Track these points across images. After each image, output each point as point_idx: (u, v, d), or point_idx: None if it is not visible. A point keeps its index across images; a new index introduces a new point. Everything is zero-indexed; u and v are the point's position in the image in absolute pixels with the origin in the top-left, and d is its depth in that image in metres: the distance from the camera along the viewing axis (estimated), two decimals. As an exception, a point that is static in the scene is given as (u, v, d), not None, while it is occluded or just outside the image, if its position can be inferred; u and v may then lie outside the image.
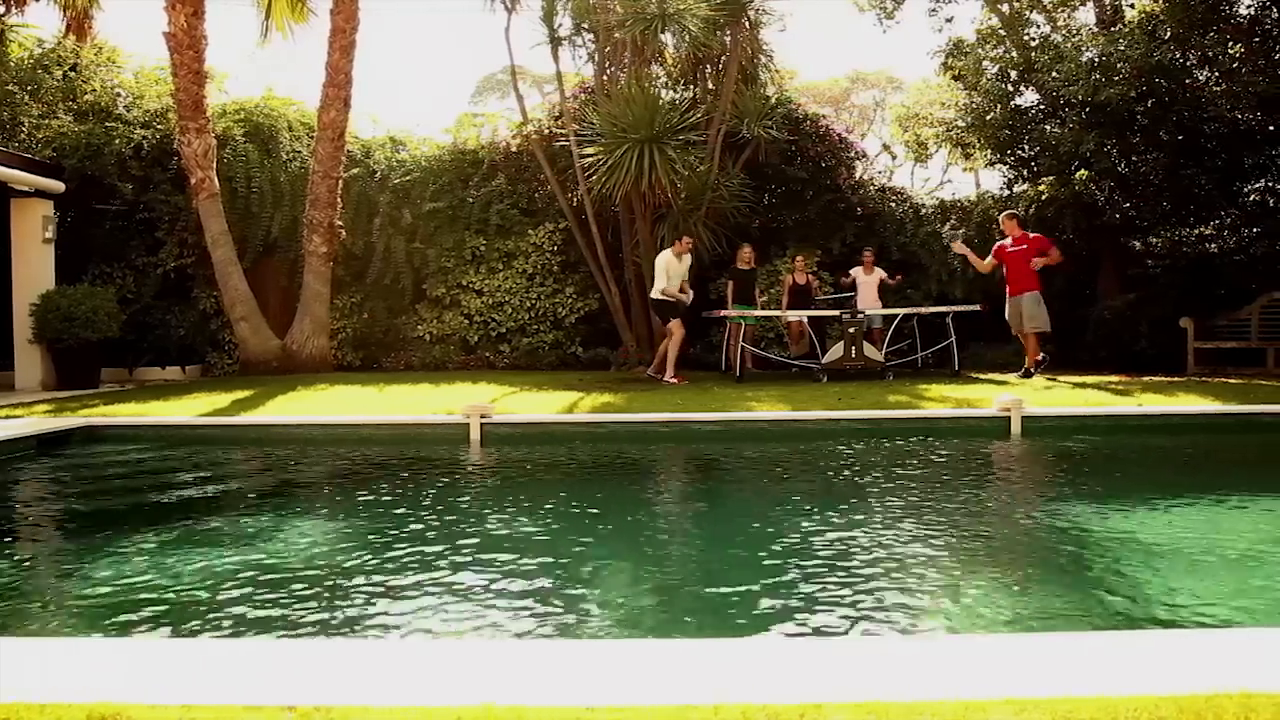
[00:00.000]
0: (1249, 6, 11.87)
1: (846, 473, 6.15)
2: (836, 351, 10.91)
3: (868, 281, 12.10)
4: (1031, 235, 10.87)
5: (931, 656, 2.29)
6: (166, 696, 1.98)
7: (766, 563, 3.82)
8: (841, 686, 2.01)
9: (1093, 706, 1.93)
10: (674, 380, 10.30)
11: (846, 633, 2.97)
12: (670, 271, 10.61)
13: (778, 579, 3.58)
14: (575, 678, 2.12)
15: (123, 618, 3.16)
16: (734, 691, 1.97)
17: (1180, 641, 2.53)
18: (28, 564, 4.00)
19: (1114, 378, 10.55)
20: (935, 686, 2.01)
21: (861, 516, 4.68)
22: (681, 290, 10.80)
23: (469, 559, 3.88)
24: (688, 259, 10.91)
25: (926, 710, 1.92)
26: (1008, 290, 10.88)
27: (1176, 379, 10.48)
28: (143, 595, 3.40)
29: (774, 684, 2.02)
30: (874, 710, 1.92)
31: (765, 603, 3.28)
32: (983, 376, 10.99)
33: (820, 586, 3.44)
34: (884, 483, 5.69)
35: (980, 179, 26.35)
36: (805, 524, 4.53)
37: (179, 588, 3.50)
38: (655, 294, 10.73)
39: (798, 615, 3.15)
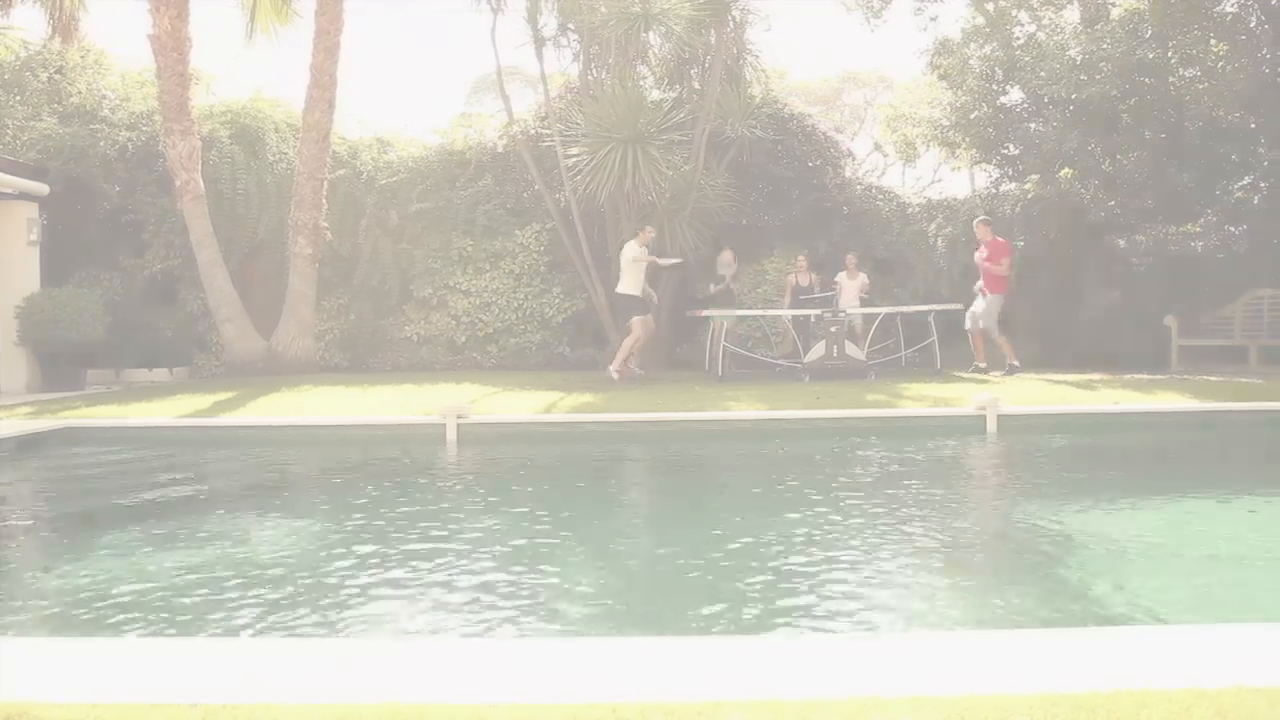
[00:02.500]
0: (1232, 5, 11.87)
1: (811, 472, 6.16)
2: (818, 351, 10.92)
3: (849, 286, 12.12)
4: (996, 241, 11.20)
5: (833, 655, 2.30)
6: (74, 695, 2.00)
7: (711, 561, 3.84)
8: (741, 684, 2.02)
9: (989, 705, 1.94)
10: (614, 373, 10.30)
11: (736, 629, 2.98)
12: (639, 262, 10.62)
13: (717, 577, 3.60)
14: (478, 676, 2.13)
15: (68, 615, 3.17)
16: (633, 690, 1.98)
17: (1090, 641, 2.54)
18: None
19: (1096, 376, 10.54)
20: (835, 684, 2.03)
21: (813, 514, 4.69)
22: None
23: (416, 556, 3.89)
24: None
25: (824, 708, 1.93)
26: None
27: (1158, 377, 10.48)
28: (90, 594, 3.41)
29: (673, 682, 2.04)
30: (772, 708, 1.93)
31: (706, 600, 3.30)
32: (964, 375, 11.00)
33: (759, 584, 3.46)
34: (847, 482, 5.71)
35: (974, 178, 26.30)
36: (758, 523, 4.55)
37: (127, 587, 3.51)
38: (630, 289, 10.66)
39: (730, 612, 3.16)
